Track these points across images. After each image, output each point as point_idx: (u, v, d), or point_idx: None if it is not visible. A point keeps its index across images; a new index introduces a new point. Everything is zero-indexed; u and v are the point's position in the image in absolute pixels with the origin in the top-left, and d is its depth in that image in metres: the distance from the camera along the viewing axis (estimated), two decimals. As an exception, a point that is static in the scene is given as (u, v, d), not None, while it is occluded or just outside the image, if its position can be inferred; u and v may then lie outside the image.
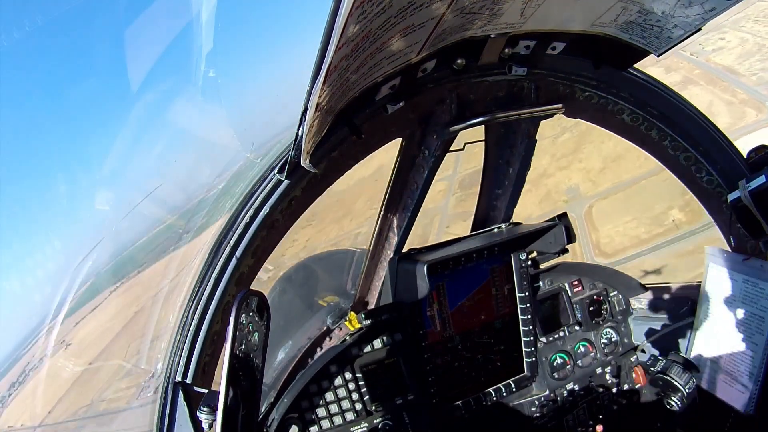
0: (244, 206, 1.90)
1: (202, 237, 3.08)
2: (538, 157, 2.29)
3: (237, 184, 2.04)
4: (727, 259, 2.12)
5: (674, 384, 2.04)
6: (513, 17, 1.41)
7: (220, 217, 2.00)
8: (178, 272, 4.16)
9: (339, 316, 2.25)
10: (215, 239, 1.97)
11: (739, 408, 2.03)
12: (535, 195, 8.38)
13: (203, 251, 1.96)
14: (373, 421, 1.97)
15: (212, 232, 1.97)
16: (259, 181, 1.90)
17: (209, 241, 2.01)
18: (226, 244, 1.90)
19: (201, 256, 1.95)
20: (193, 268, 1.98)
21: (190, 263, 2.73)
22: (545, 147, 9.10)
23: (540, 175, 8.79)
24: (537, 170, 8.34)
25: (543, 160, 9.11)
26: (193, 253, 3.44)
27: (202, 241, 3.19)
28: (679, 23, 1.54)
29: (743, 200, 1.95)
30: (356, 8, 0.94)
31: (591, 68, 1.98)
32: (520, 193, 2.35)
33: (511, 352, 2.33)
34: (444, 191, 10.48)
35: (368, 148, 1.90)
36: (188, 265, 3.87)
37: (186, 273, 4.43)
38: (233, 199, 1.94)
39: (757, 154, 2.04)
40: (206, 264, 1.97)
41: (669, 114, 2.20)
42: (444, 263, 2.10)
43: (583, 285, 2.49)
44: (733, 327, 2.08)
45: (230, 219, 1.95)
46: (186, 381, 1.82)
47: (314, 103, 1.19)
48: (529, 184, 2.36)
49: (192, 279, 1.94)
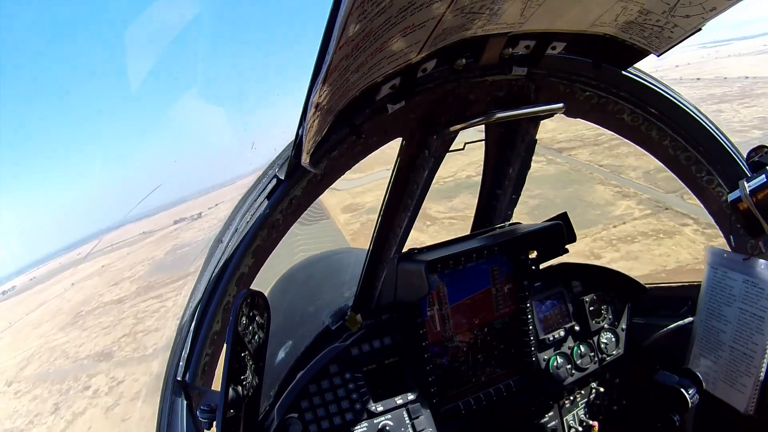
0: (244, 206, 1.90)
1: (202, 237, 3.09)
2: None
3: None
4: (727, 259, 2.12)
5: (682, 398, 2.04)
6: (513, 17, 1.41)
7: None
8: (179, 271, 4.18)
9: (339, 316, 2.25)
10: (215, 239, 1.98)
11: (739, 408, 2.02)
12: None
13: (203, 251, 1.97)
14: (373, 421, 1.97)
15: (212, 232, 1.98)
16: (259, 181, 1.90)
17: (209, 240, 2.01)
18: (226, 243, 1.90)
19: (201, 256, 1.96)
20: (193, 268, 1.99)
21: (190, 263, 2.73)
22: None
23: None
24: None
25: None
26: (194, 252, 3.44)
27: (202, 241, 3.21)
28: (680, 23, 1.54)
29: (743, 200, 1.95)
30: (356, 8, 0.95)
31: (591, 68, 1.98)
32: (520, 193, 2.35)
33: (511, 352, 2.33)
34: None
35: (368, 147, 1.90)
36: (189, 265, 3.85)
37: (187, 273, 4.39)
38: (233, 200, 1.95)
39: (757, 154, 2.04)
40: (206, 263, 1.97)
41: (669, 114, 2.20)
42: (444, 263, 2.10)
43: (583, 285, 2.49)
44: (733, 327, 2.08)
45: (230, 218, 1.95)
46: (186, 380, 1.82)
47: (314, 102, 1.19)
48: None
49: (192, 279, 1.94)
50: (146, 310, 22.65)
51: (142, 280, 32.62)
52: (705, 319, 2.19)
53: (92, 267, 54.81)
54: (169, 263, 36.51)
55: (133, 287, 31.06)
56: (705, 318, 2.19)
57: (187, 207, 79.20)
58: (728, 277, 2.11)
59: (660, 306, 2.53)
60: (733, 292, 2.08)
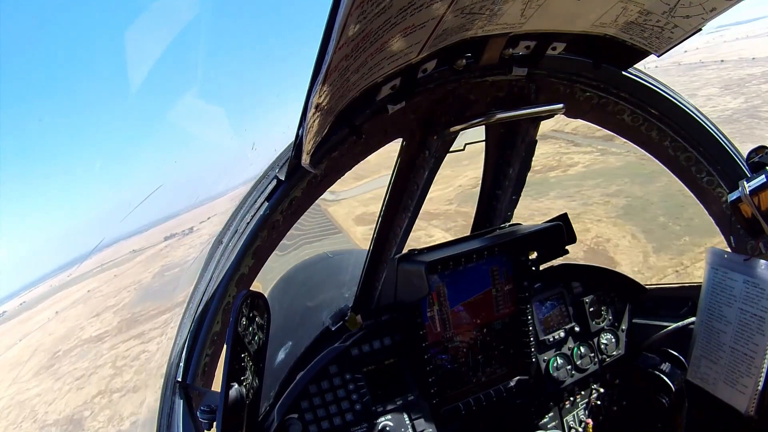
0: (245, 206, 1.90)
1: (193, 255, 3.06)
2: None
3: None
4: (727, 260, 2.12)
5: (662, 380, 2.11)
6: (513, 17, 1.41)
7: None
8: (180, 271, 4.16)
9: (339, 316, 2.24)
10: (215, 239, 1.98)
11: (739, 408, 2.02)
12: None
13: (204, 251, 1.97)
14: (373, 421, 1.97)
15: (203, 250, 1.99)
16: (260, 181, 1.90)
17: (210, 241, 2.01)
18: (226, 244, 1.90)
19: (201, 257, 1.96)
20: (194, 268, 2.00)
21: (190, 264, 2.72)
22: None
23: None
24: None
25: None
26: (183, 273, 3.41)
27: (191, 260, 3.17)
28: (680, 23, 1.54)
29: (743, 200, 1.95)
30: (356, 8, 0.94)
31: (591, 68, 1.98)
32: (520, 194, 2.34)
33: (511, 352, 2.33)
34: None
35: (368, 148, 1.90)
36: (189, 265, 3.82)
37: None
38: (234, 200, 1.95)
39: (757, 155, 2.04)
40: (206, 264, 1.97)
41: (669, 114, 2.20)
42: (444, 264, 2.10)
43: (583, 286, 2.48)
44: (733, 327, 2.08)
45: (230, 219, 1.95)
46: (186, 381, 1.82)
47: (314, 103, 1.19)
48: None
49: (193, 279, 1.94)
50: (126, 356, 20.09)
51: (126, 310, 30.50)
52: (705, 319, 2.19)
53: (79, 291, 53.69)
54: (156, 289, 33.87)
55: (115, 320, 28.86)
56: (705, 319, 2.19)
57: (180, 221, 77.61)
58: (729, 278, 2.10)
59: (660, 306, 2.53)
60: (733, 293, 2.08)
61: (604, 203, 10.65)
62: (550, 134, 24.07)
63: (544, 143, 23.64)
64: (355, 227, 22.41)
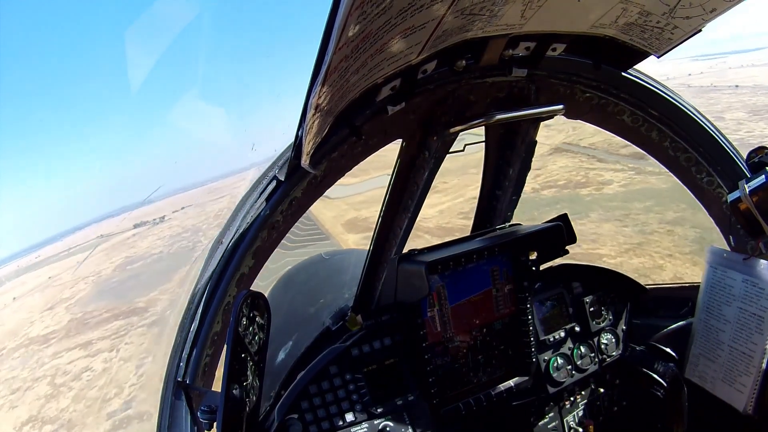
0: (245, 206, 1.91)
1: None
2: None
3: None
4: (726, 259, 2.13)
5: (652, 376, 2.15)
6: (513, 18, 1.42)
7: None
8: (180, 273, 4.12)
9: (339, 316, 2.25)
10: (216, 239, 1.98)
11: (738, 408, 2.03)
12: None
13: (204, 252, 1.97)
14: (373, 421, 1.97)
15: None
16: (260, 182, 1.91)
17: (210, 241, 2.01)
18: (226, 244, 1.90)
19: (202, 257, 1.97)
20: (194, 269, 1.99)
21: (191, 264, 2.70)
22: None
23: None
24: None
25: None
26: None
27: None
28: (680, 24, 1.54)
29: (743, 200, 1.95)
30: (356, 9, 0.94)
31: (591, 69, 1.98)
32: (520, 195, 2.35)
33: (511, 353, 2.33)
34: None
35: (368, 149, 1.91)
36: (189, 266, 3.74)
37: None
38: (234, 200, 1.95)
39: (757, 155, 2.04)
40: (207, 264, 1.97)
41: (669, 115, 2.20)
42: (444, 264, 2.10)
43: (583, 286, 2.49)
44: (732, 327, 2.08)
45: (231, 219, 1.95)
46: (187, 381, 1.83)
47: (314, 104, 1.19)
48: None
49: (193, 279, 1.94)
50: (67, 371, 18.08)
51: (78, 307, 29.24)
52: (704, 318, 2.19)
53: (40, 277, 50.20)
54: (113, 286, 32.28)
55: (66, 318, 27.52)
56: (704, 317, 2.19)
57: (156, 208, 74.68)
58: (728, 277, 2.11)
59: (660, 307, 2.53)
60: (732, 292, 2.09)
61: (667, 233, 9.52)
62: (564, 147, 23.15)
63: (561, 156, 22.40)
64: (347, 234, 20.80)
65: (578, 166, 20.26)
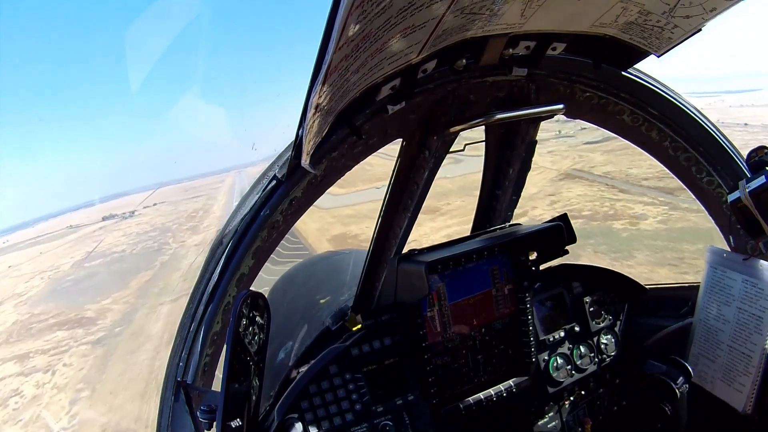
0: (245, 206, 1.91)
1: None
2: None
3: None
4: (726, 259, 2.13)
5: (668, 386, 2.10)
6: (513, 18, 1.41)
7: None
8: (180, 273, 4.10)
9: (339, 316, 2.25)
10: (216, 239, 1.98)
11: (737, 407, 2.03)
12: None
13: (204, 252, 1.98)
14: (373, 421, 1.97)
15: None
16: (260, 182, 1.91)
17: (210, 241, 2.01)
18: (226, 244, 1.90)
19: (202, 257, 1.97)
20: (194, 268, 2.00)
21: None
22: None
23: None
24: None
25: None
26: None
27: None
28: (680, 23, 1.54)
29: (743, 200, 1.96)
30: (356, 8, 0.94)
31: (591, 69, 1.98)
32: (520, 194, 2.35)
33: (511, 353, 2.33)
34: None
35: (368, 148, 1.91)
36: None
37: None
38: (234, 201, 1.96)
39: (757, 155, 2.05)
40: (206, 264, 1.97)
41: (669, 114, 2.20)
42: (444, 264, 2.10)
43: (583, 286, 2.49)
44: (732, 327, 2.08)
45: (230, 219, 1.95)
46: (187, 381, 1.83)
47: (314, 103, 1.19)
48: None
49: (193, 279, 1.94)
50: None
51: (27, 306, 27.49)
52: (704, 318, 2.19)
53: (1, 265, 48.44)
54: (67, 286, 30.55)
55: (11, 319, 25.49)
56: (704, 317, 2.19)
57: (129, 201, 72.09)
58: (727, 277, 2.11)
59: (660, 307, 2.53)
60: (732, 292, 2.09)
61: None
62: (576, 174, 21.82)
63: (574, 183, 20.84)
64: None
65: (599, 195, 19.36)
